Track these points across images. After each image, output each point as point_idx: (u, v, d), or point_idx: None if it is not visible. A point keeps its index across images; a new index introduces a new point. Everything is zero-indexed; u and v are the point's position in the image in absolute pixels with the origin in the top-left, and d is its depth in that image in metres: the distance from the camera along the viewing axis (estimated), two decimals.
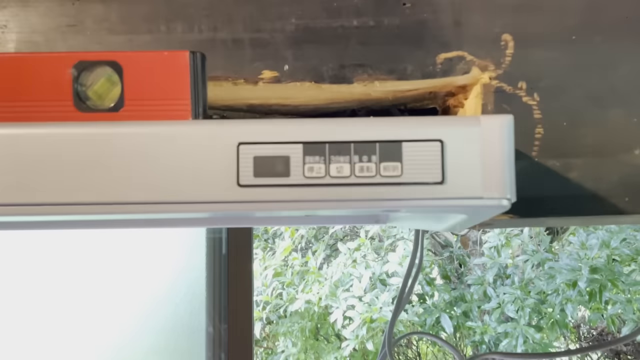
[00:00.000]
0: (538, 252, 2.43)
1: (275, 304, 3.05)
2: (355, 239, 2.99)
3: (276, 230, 3.37)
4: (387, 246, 2.75)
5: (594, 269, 2.17)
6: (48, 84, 0.40)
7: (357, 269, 2.69)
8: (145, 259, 1.23)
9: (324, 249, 3.11)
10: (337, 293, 2.68)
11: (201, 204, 0.37)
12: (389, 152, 0.37)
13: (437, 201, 0.37)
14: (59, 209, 0.37)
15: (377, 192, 0.37)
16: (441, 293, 2.57)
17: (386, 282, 2.60)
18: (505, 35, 0.54)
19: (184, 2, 0.54)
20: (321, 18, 0.54)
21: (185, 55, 0.40)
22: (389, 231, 2.73)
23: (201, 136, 0.37)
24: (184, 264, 1.26)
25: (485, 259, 2.54)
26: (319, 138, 0.38)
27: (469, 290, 2.59)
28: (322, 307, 2.81)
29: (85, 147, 0.37)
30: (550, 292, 2.30)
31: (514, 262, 2.50)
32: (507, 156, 0.38)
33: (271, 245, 3.39)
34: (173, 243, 1.27)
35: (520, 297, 2.34)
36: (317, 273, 2.89)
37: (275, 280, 3.08)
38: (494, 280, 2.51)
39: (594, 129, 0.53)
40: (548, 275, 2.32)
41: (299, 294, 2.93)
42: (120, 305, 1.17)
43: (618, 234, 2.20)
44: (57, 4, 0.54)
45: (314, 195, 0.37)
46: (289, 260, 3.14)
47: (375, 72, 0.54)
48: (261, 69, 0.54)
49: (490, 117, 0.38)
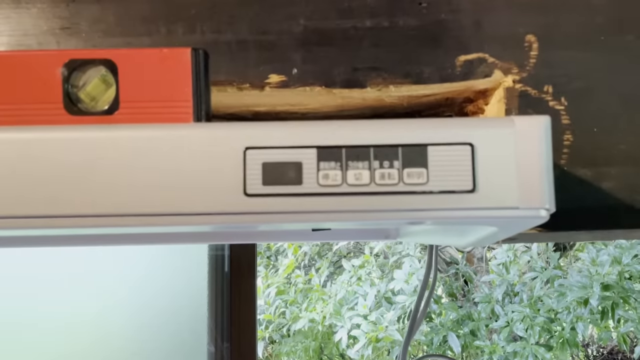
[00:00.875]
0: (547, 268, 2.38)
1: (278, 322, 2.99)
2: (359, 255, 2.94)
3: (279, 247, 3.33)
4: (392, 263, 2.70)
5: (605, 286, 2.11)
6: (35, 84, 0.36)
7: (362, 287, 2.64)
8: (146, 277, 1.19)
9: (328, 266, 3.06)
10: (342, 312, 2.62)
11: (204, 215, 0.33)
12: (413, 157, 0.33)
13: (467, 212, 0.33)
14: (48, 222, 0.33)
15: (400, 202, 0.33)
16: (448, 311, 2.51)
17: (392, 300, 2.54)
18: (529, 35, 0.50)
19: (185, 2, 0.51)
20: (332, 19, 0.51)
21: (187, 53, 0.36)
22: (394, 248, 2.68)
23: (204, 141, 0.34)
24: (186, 282, 1.22)
25: (494, 275, 2.48)
26: (335, 142, 0.34)
27: (475, 309, 2.53)
28: (326, 326, 2.75)
29: (76, 153, 0.33)
30: (561, 310, 2.24)
31: (522, 280, 2.45)
32: (545, 161, 0.34)
33: (274, 262, 3.34)
34: (174, 260, 1.23)
35: (529, 316, 2.29)
36: (320, 291, 2.84)
37: (278, 299, 3.02)
38: (502, 298, 2.45)
39: (627, 134, 0.49)
40: (558, 293, 2.26)
41: (302, 312, 2.87)
42: (119, 324, 1.13)
43: (629, 250, 2.15)
44: (50, 6, 0.51)
45: (330, 206, 0.33)
46: (292, 277, 3.09)
47: (390, 76, 0.50)
48: (268, 73, 0.50)
49: (525, 118, 0.35)
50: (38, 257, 1.09)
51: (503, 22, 0.50)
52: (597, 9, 0.50)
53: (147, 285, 1.19)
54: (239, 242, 1.08)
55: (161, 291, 1.19)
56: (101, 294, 1.14)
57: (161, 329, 1.16)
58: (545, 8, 0.50)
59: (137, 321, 1.16)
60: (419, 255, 2.55)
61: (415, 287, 2.45)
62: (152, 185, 0.33)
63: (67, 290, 1.11)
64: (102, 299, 1.13)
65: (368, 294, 2.55)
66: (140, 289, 1.18)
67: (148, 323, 1.17)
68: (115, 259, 1.16)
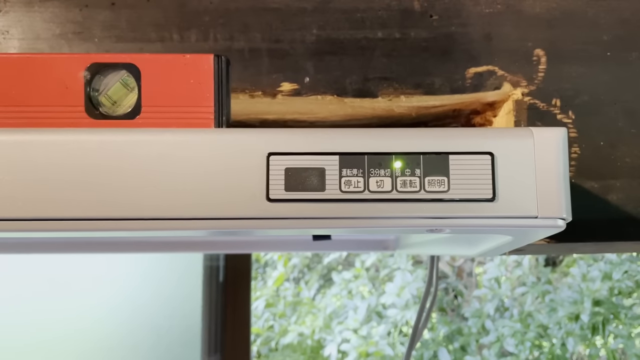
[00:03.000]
0: (538, 283, 2.39)
1: (266, 336, 2.97)
2: (349, 268, 2.94)
3: (268, 258, 3.31)
4: (384, 276, 2.70)
5: (596, 301, 2.13)
6: (57, 87, 0.36)
7: (352, 300, 2.63)
8: (140, 286, 1.18)
9: (317, 279, 3.05)
10: (332, 325, 2.61)
11: (227, 220, 0.33)
12: (435, 166, 0.34)
13: (487, 220, 0.34)
14: (68, 225, 0.33)
15: (422, 209, 0.33)
16: (438, 325, 2.51)
17: (382, 314, 2.54)
18: (537, 50, 0.51)
19: (198, 9, 0.51)
20: (344, 29, 0.51)
21: (210, 59, 0.37)
22: (385, 261, 2.68)
23: (227, 146, 0.34)
24: (180, 292, 1.21)
25: (485, 290, 2.49)
26: (357, 149, 0.34)
27: (466, 324, 2.53)
28: (316, 341, 2.73)
29: (97, 156, 0.33)
30: (552, 326, 2.25)
31: (513, 295, 2.46)
32: (563, 171, 0.35)
33: (262, 274, 3.32)
34: (169, 270, 1.22)
35: (520, 331, 2.29)
36: (310, 304, 2.82)
37: (267, 311, 3.00)
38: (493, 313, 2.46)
39: (633, 148, 0.50)
40: (549, 308, 2.27)
41: (291, 325, 2.85)
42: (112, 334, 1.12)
43: (619, 265, 2.17)
44: (63, 10, 0.51)
45: (352, 212, 0.33)
46: (281, 290, 3.07)
47: (401, 86, 0.51)
48: (280, 81, 0.51)
49: (543, 130, 0.35)
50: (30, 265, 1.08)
51: (512, 36, 0.51)
52: (603, 27, 0.51)
53: (141, 295, 1.18)
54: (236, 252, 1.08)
55: (155, 301, 1.18)
56: (94, 304, 1.13)
57: (154, 340, 1.15)
58: (553, 24, 0.51)
59: (131, 331, 1.15)
60: (410, 269, 2.55)
61: (406, 300, 2.45)
62: (175, 190, 0.33)
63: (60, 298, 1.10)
64: (95, 308, 1.12)
65: (359, 308, 2.54)
66: (134, 299, 1.17)
67: (141, 333, 1.16)
68: (108, 269, 1.15)
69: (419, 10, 0.52)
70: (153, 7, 0.51)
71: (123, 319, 1.12)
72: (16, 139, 0.34)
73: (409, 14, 0.52)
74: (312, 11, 0.51)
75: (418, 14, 0.52)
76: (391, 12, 0.52)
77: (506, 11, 0.51)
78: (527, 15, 0.51)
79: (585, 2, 0.52)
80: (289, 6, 0.51)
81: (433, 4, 0.52)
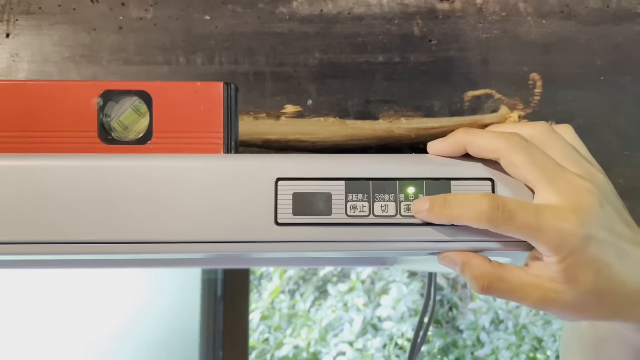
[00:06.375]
0: None
1: (262, 349, 2.96)
2: (345, 281, 2.94)
3: (264, 270, 3.31)
4: (379, 289, 2.70)
5: None
6: (71, 113, 0.37)
7: (348, 313, 2.63)
8: (138, 301, 1.18)
9: (313, 291, 3.05)
10: (328, 338, 2.60)
11: (236, 243, 0.34)
12: (438, 191, 0.35)
13: (488, 244, 0.35)
14: (81, 248, 0.34)
15: (425, 233, 0.35)
16: (434, 338, 2.51)
17: (378, 327, 2.54)
18: (533, 74, 0.53)
19: (204, 34, 0.52)
20: (346, 53, 0.53)
21: (220, 87, 0.38)
22: (381, 274, 2.69)
23: (237, 171, 0.35)
24: (178, 306, 1.21)
25: (481, 303, 2.50)
26: (363, 175, 0.35)
27: (461, 336, 2.54)
28: (312, 353, 2.73)
29: (110, 181, 0.34)
30: (546, 339, 2.26)
31: (508, 307, 2.47)
32: None
33: (257, 286, 3.31)
34: (167, 284, 1.22)
35: (515, 344, 2.30)
36: (306, 317, 2.82)
37: (262, 324, 2.99)
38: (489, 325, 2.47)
39: (626, 170, 0.51)
40: (544, 321, 2.28)
41: (287, 338, 2.85)
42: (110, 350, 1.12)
43: None
44: (72, 34, 0.52)
45: (358, 236, 0.35)
46: (276, 303, 3.07)
47: (401, 109, 0.52)
48: (284, 104, 0.52)
49: None
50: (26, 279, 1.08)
51: (509, 61, 0.53)
52: (597, 52, 0.53)
53: (139, 309, 1.18)
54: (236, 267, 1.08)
55: (153, 314, 1.18)
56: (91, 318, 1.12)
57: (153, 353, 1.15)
58: (548, 49, 0.53)
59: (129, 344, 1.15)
60: (406, 282, 2.56)
61: (402, 313, 2.45)
62: (185, 213, 0.34)
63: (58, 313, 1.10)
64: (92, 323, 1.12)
65: (354, 320, 2.55)
66: (133, 313, 1.17)
67: (140, 347, 1.16)
68: (106, 283, 1.15)
69: (418, 35, 0.53)
70: (160, 31, 0.52)
71: (121, 333, 1.12)
72: (31, 164, 0.35)
73: (409, 39, 0.53)
74: (315, 36, 0.53)
75: (418, 39, 0.53)
76: (392, 37, 0.53)
77: (503, 37, 0.53)
78: (524, 41, 0.53)
79: (579, 28, 0.53)
80: (293, 31, 0.53)
81: (432, 29, 0.53)
